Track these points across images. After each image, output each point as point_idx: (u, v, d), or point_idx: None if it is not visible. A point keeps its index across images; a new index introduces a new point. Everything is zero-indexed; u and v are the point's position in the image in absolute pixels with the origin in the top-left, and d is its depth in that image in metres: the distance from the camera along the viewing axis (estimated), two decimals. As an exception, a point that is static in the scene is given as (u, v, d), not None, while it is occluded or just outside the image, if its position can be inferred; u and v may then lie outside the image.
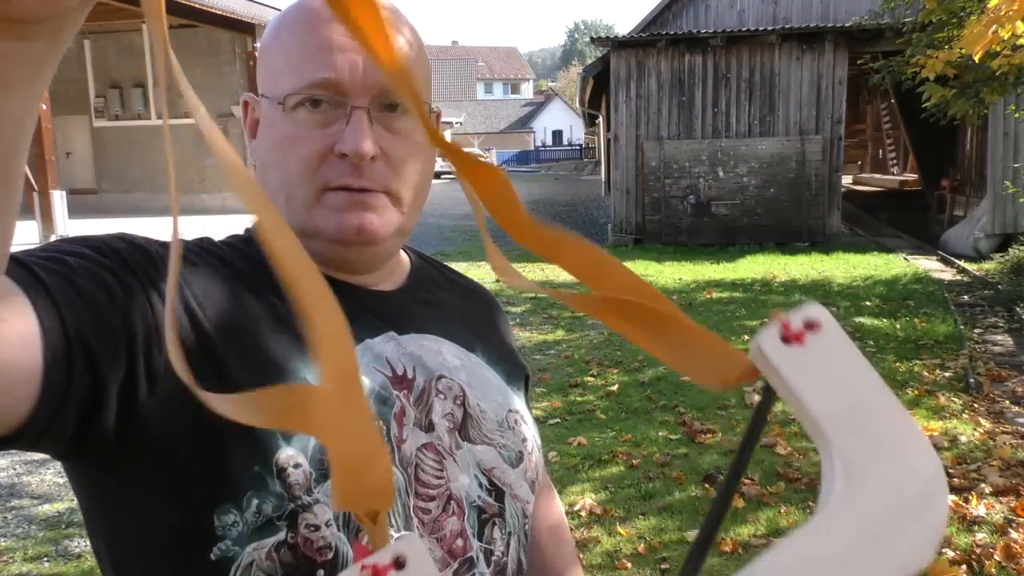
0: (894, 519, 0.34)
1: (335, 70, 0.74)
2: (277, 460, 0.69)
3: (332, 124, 0.75)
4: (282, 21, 0.80)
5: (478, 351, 0.89)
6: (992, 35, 3.97)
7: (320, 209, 0.77)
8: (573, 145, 54.41)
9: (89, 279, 0.63)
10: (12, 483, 4.19)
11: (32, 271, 0.60)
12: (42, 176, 13.25)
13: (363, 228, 0.77)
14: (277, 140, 0.77)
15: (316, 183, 0.76)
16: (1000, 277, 9.15)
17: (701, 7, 17.96)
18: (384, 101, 0.76)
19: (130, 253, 0.68)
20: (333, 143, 0.75)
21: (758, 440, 0.40)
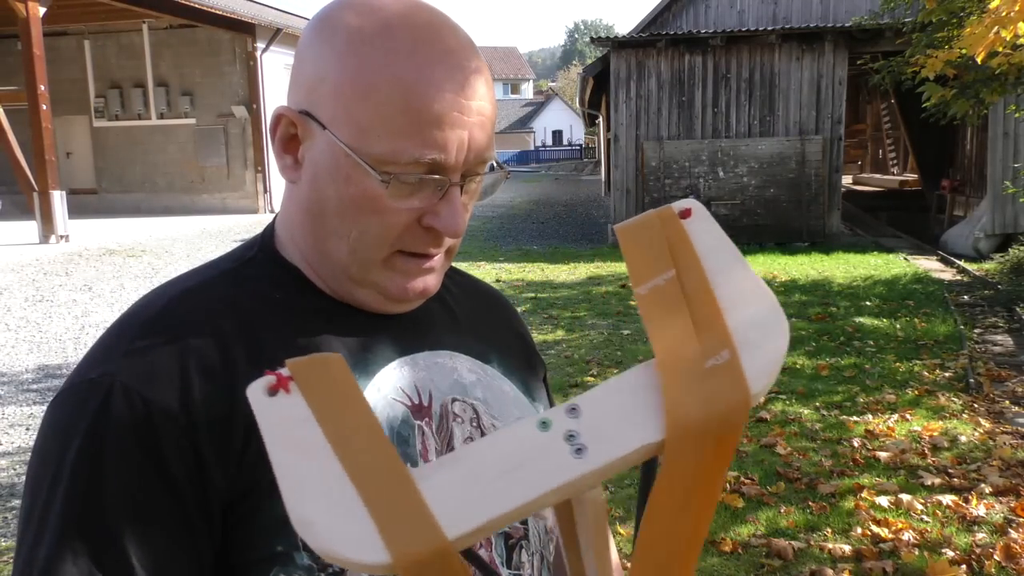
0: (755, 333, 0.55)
1: (446, 151, 0.69)
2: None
3: (421, 193, 0.71)
4: (375, 62, 0.69)
5: (494, 362, 0.86)
6: (994, 36, 3.96)
7: (388, 271, 0.75)
8: (573, 145, 54.42)
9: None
10: (12, 483, 4.19)
11: None
12: (42, 176, 13.23)
13: (426, 291, 0.77)
14: (354, 197, 0.71)
15: (391, 248, 0.74)
16: (1000, 277, 9.14)
17: (701, 7, 17.96)
18: (473, 174, 0.74)
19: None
20: (421, 213, 0.72)
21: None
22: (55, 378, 6.12)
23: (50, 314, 8.27)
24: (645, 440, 0.52)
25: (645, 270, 0.57)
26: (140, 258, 12.11)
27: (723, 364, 0.53)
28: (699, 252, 0.58)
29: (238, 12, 17.58)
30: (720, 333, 0.54)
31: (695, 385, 0.52)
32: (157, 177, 19.95)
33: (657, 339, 0.55)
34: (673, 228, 0.59)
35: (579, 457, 0.51)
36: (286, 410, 0.51)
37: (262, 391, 0.51)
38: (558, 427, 0.52)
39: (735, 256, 0.58)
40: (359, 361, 0.76)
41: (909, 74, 7.09)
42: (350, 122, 0.69)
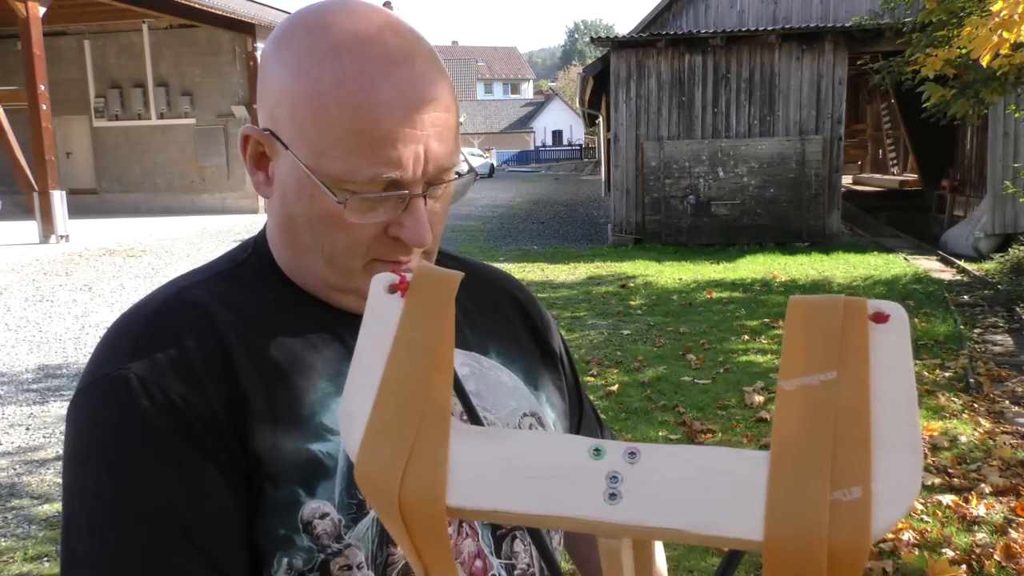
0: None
1: (402, 168, 0.69)
2: (301, 516, 0.69)
3: (384, 206, 0.72)
4: (324, 84, 0.69)
5: (491, 353, 0.86)
6: (999, 39, 3.97)
7: (366, 277, 0.73)
8: (573, 145, 54.42)
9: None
10: (12, 483, 4.19)
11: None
12: (42, 176, 13.23)
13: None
14: (319, 214, 0.72)
15: (364, 257, 0.75)
16: (1000, 277, 9.15)
17: (701, 7, 17.96)
18: (435, 183, 0.74)
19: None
20: (386, 224, 0.73)
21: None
22: (55, 378, 6.12)
23: (50, 314, 8.27)
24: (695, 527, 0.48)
25: (802, 362, 0.51)
26: (140, 258, 12.12)
27: (850, 501, 0.47)
28: (873, 367, 0.51)
29: (238, 12, 17.57)
30: (861, 466, 0.48)
31: (812, 503, 0.47)
32: (157, 177, 19.95)
33: (781, 440, 0.49)
34: (856, 326, 0.51)
35: (609, 503, 0.48)
36: (387, 310, 0.54)
37: (383, 285, 0.55)
38: (609, 462, 0.49)
39: (911, 389, 0.51)
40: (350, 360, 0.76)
41: (909, 74, 7.09)
42: (306, 143, 0.70)
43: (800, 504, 0.47)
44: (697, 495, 0.48)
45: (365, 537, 0.70)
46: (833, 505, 0.47)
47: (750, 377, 5.71)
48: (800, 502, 0.47)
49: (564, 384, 0.95)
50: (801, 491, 0.47)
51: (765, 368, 5.94)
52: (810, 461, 0.48)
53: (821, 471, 0.48)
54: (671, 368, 6.02)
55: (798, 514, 0.47)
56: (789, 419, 0.49)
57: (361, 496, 0.70)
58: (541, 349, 0.93)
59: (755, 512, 0.47)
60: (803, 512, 0.47)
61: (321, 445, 0.70)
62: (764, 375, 5.75)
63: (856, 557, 0.46)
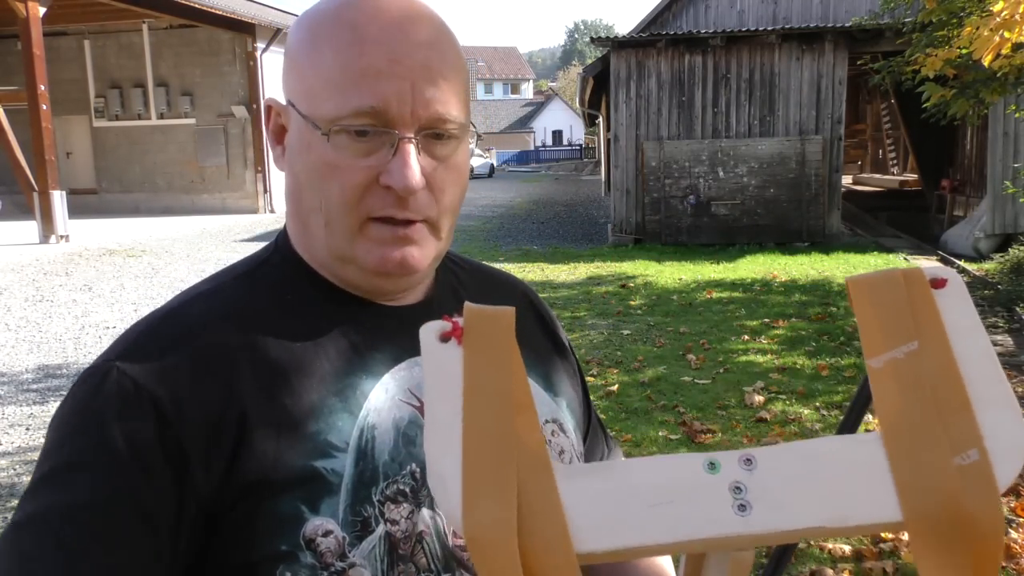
0: None
1: (383, 99, 0.70)
2: (304, 533, 0.68)
3: (376, 152, 0.72)
4: (318, 32, 0.73)
5: None
6: (1000, 39, 3.97)
7: (363, 241, 0.75)
8: (573, 145, 54.43)
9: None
10: (12, 483, 4.19)
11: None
12: (42, 176, 13.23)
13: (405, 263, 0.75)
14: (315, 164, 0.73)
15: (359, 214, 0.74)
16: (1000, 277, 9.14)
17: (701, 7, 17.96)
18: (430, 130, 0.73)
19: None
20: (378, 174, 0.72)
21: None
22: (55, 378, 6.12)
23: (50, 314, 8.27)
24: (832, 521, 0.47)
25: (882, 337, 0.51)
26: (140, 258, 12.12)
27: (971, 464, 0.48)
28: (949, 332, 0.52)
29: (238, 12, 17.57)
30: (970, 429, 0.49)
31: (940, 476, 0.47)
32: (157, 177, 19.95)
33: (888, 417, 0.49)
34: (921, 295, 0.52)
35: (741, 514, 0.47)
36: (446, 360, 0.51)
37: (435, 335, 0.52)
38: (726, 474, 0.48)
39: (988, 346, 0.52)
40: (367, 361, 0.76)
41: (909, 74, 7.09)
42: (305, 92, 0.73)
43: (929, 476, 0.47)
44: (824, 489, 0.48)
45: (371, 556, 0.69)
46: (959, 470, 0.47)
47: (750, 377, 5.71)
48: (928, 474, 0.47)
49: (579, 390, 0.94)
50: (925, 463, 0.48)
51: (765, 368, 5.94)
52: (923, 432, 0.49)
53: (937, 440, 0.48)
54: (671, 368, 6.02)
55: (931, 487, 0.47)
56: (888, 395, 0.50)
57: (367, 514, 0.70)
58: (558, 355, 0.93)
59: (886, 494, 0.48)
60: (935, 484, 0.47)
61: (325, 462, 0.69)
62: (764, 375, 5.75)
63: (994, 519, 0.47)
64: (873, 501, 0.48)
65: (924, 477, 0.48)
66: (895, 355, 0.51)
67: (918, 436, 0.49)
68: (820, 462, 0.49)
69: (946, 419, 0.49)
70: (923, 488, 0.47)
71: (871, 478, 0.48)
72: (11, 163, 14.04)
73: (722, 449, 2.23)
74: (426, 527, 0.72)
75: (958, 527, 0.46)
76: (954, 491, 0.47)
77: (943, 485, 0.47)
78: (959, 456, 0.48)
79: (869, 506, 0.48)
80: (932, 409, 0.49)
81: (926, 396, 0.50)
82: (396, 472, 0.72)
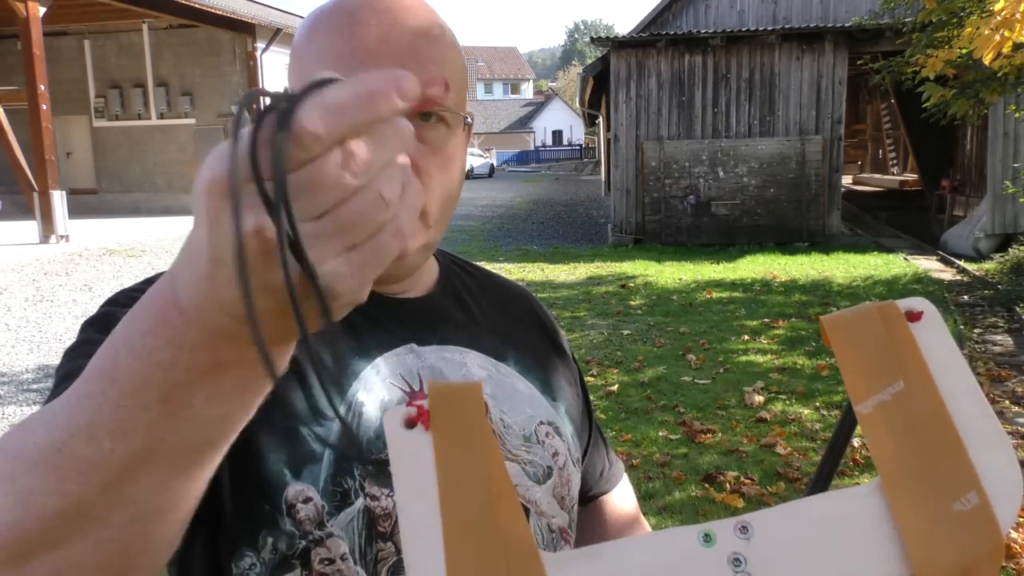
0: None
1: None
2: (286, 497, 0.68)
3: None
4: (317, 21, 0.76)
5: (509, 360, 0.85)
6: (1001, 38, 3.97)
7: None
8: (573, 145, 54.42)
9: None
10: (12, 483, 4.19)
11: None
12: (42, 176, 13.23)
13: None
14: None
15: None
16: (1000, 277, 9.15)
17: (701, 7, 17.96)
18: (417, 111, 0.72)
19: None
20: None
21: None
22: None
23: (50, 314, 8.27)
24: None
25: (866, 380, 0.50)
26: (140, 258, 12.12)
27: (971, 509, 0.46)
28: (932, 368, 0.50)
29: (238, 12, 17.57)
30: (966, 471, 0.47)
31: (944, 525, 0.46)
32: (157, 177, 19.95)
33: (885, 464, 0.47)
34: (898, 330, 0.51)
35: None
36: (415, 451, 0.46)
37: (400, 422, 0.47)
38: (723, 546, 0.46)
39: (972, 381, 0.50)
40: (360, 342, 0.77)
41: (909, 74, 7.08)
42: (300, 77, 0.75)
43: (934, 525, 0.46)
44: (826, 552, 0.46)
45: (349, 528, 0.70)
46: (960, 516, 0.46)
47: (750, 377, 5.71)
48: (933, 523, 0.46)
49: (580, 399, 0.95)
50: (929, 511, 0.46)
51: (765, 368, 5.94)
52: (922, 478, 0.47)
53: (936, 485, 0.47)
54: (671, 368, 6.02)
55: (937, 536, 0.45)
56: (881, 442, 0.48)
57: (347, 485, 0.70)
58: (559, 359, 0.93)
59: (891, 549, 0.46)
60: (941, 533, 0.46)
61: (311, 428, 0.70)
62: (764, 375, 5.75)
63: (996, 564, 0.45)
64: (879, 558, 0.46)
65: (930, 526, 0.46)
66: (882, 398, 0.49)
67: (918, 482, 0.47)
68: (819, 523, 0.47)
69: (939, 462, 0.48)
70: (930, 538, 0.46)
71: (875, 534, 0.46)
72: (11, 163, 14.03)
73: (721, 449, 2.25)
74: None
75: (965, 572, 0.45)
76: (958, 538, 0.46)
77: (948, 534, 0.46)
78: (959, 502, 0.46)
79: (875, 564, 0.46)
80: (925, 452, 0.48)
81: (918, 439, 0.48)
82: (380, 450, 0.72)
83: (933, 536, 0.46)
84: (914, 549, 0.45)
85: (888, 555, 0.46)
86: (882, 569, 0.46)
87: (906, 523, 0.46)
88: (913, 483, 0.47)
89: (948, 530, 0.46)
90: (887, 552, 0.46)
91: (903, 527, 0.46)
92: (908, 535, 0.46)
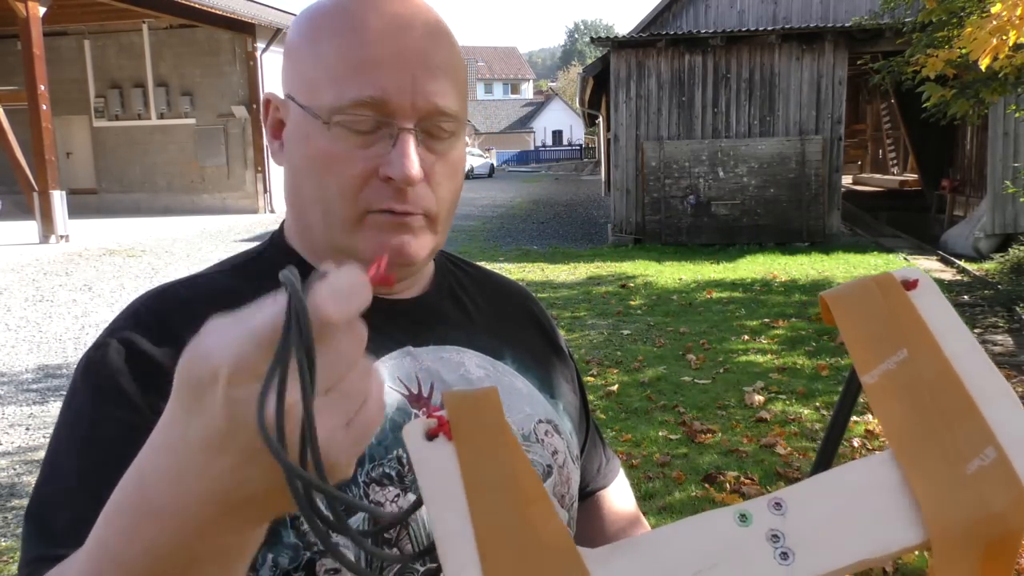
0: None
1: (382, 89, 0.70)
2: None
3: (375, 144, 0.72)
4: (318, 23, 0.73)
5: (507, 358, 0.85)
6: (999, 41, 3.96)
7: (362, 231, 0.74)
8: (573, 145, 54.43)
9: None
10: (12, 483, 4.19)
11: None
12: (42, 176, 13.23)
13: (402, 251, 0.75)
14: (313, 155, 0.73)
15: (358, 206, 0.73)
16: (1000, 277, 9.14)
17: (701, 7, 17.96)
18: (429, 122, 0.73)
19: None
20: (377, 165, 0.72)
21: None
22: (55, 378, 6.12)
23: (50, 314, 8.27)
24: (871, 551, 0.46)
25: (871, 351, 0.50)
26: (140, 258, 12.12)
27: (991, 463, 0.47)
28: (934, 333, 0.51)
29: (238, 12, 17.57)
30: (980, 428, 0.48)
31: (958, 486, 0.47)
32: (157, 177, 19.95)
33: (896, 434, 0.48)
34: (898, 300, 0.52)
35: (784, 563, 0.45)
36: (439, 462, 0.46)
37: (420, 434, 0.47)
38: (760, 523, 0.47)
39: (973, 341, 0.51)
40: None
41: (909, 74, 7.08)
42: (303, 83, 0.73)
43: (947, 486, 0.46)
44: (856, 522, 0.47)
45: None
46: (979, 473, 0.46)
47: (750, 377, 5.71)
48: (946, 485, 0.46)
49: (578, 397, 0.95)
50: (941, 474, 0.47)
51: (765, 368, 5.94)
52: (932, 442, 0.48)
53: (948, 447, 0.47)
54: (671, 368, 6.02)
55: (950, 497, 0.46)
56: (889, 410, 0.49)
57: (351, 493, 0.70)
58: (557, 359, 0.93)
59: (909, 513, 0.47)
60: (954, 493, 0.46)
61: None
62: (764, 375, 5.75)
63: (1021, 513, 0.46)
64: (900, 525, 0.47)
65: (943, 490, 0.47)
66: (888, 367, 0.50)
67: (929, 448, 0.48)
68: (846, 493, 0.48)
69: (952, 423, 0.48)
70: (944, 501, 0.46)
71: (894, 501, 0.47)
72: (11, 163, 14.03)
73: (721, 449, 2.26)
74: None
75: (981, 531, 0.46)
76: (976, 496, 0.46)
77: (964, 494, 0.46)
78: (978, 458, 0.47)
79: (897, 531, 0.47)
80: (937, 416, 0.48)
81: (928, 404, 0.49)
82: (382, 455, 0.72)
83: (947, 498, 0.46)
84: (927, 512, 0.46)
85: (909, 520, 0.47)
86: (904, 534, 0.47)
87: (919, 488, 0.47)
88: (924, 448, 0.48)
89: (964, 490, 0.46)
90: (908, 517, 0.47)
91: (916, 492, 0.47)
92: (921, 499, 0.46)
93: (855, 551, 0.46)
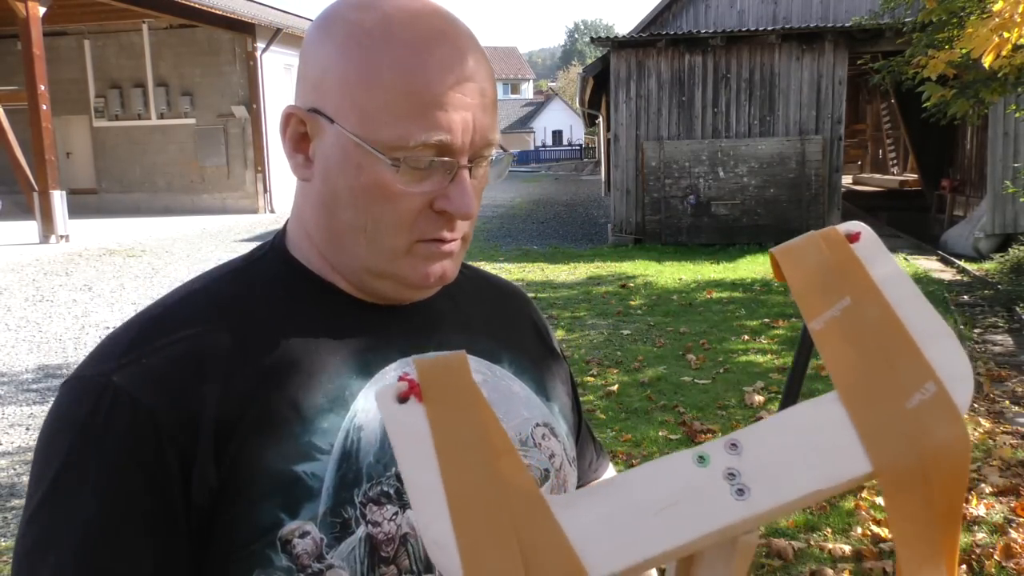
0: None
1: (451, 132, 0.70)
2: (280, 535, 0.67)
3: (432, 178, 0.72)
4: (367, 46, 0.70)
5: (504, 362, 0.85)
6: (1000, 40, 3.96)
7: (408, 259, 0.75)
8: (573, 145, 54.41)
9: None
10: (12, 483, 4.19)
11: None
12: (42, 176, 13.23)
13: (444, 276, 0.77)
14: (366, 185, 0.72)
15: (410, 236, 0.74)
16: (1000, 277, 9.14)
17: (701, 7, 17.96)
18: (478, 155, 0.74)
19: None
20: (433, 199, 0.73)
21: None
22: (55, 378, 6.12)
23: (50, 314, 8.27)
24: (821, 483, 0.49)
25: (817, 300, 0.54)
26: (140, 258, 12.12)
27: (931, 397, 0.50)
28: (877, 281, 0.54)
29: (238, 12, 17.57)
30: (921, 366, 0.51)
31: (900, 419, 0.49)
32: (157, 177, 19.95)
33: (840, 375, 0.51)
34: (842, 252, 0.55)
35: (741, 499, 0.48)
36: (411, 423, 0.49)
37: (392, 397, 0.50)
38: (717, 463, 0.49)
39: (914, 288, 0.54)
40: (360, 361, 0.76)
41: (909, 74, 7.08)
42: (356, 111, 0.71)
43: (890, 421, 0.49)
44: (806, 456, 0.50)
45: (351, 557, 0.68)
46: (920, 407, 0.49)
47: (750, 377, 5.71)
48: (889, 420, 0.49)
49: (571, 397, 0.95)
50: (884, 410, 0.50)
51: (765, 368, 5.94)
52: (876, 381, 0.51)
53: (891, 385, 0.50)
54: (671, 368, 6.02)
55: (893, 431, 0.49)
56: (835, 353, 0.52)
57: (348, 515, 0.69)
58: (552, 360, 0.93)
59: (855, 447, 0.50)
60: (897, 427, 0.49)
61: (307, 466, 0.69)
62: (764, 375, 5.75)
63: (963, 442, 0.49)
64: (848, 457, 0.50)
65: (885, 424, 0.49)
66: (832, 314, 0.53)
67: (872, 386, 0.51)
68: (796, 432, 0.51)
69: (895, 362, 0.51)
70: (886, 434, 0.49)
71: (841, 436, 0.50)
72: (11, 163, 14.04)
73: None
74: (411, 529, 0.71)
75: (927, 462, 0.48)
76: (918, 428, 0.49)
77: (905, 426, 0.49)
78: (918, 392, 0.50)
79: (845, 463, 0.50)
80: (879, 357, 0.51)
81: (871, 346, 0.52)
82: (381, 474, 0.71)
83: (889, 431, 0.49)
84: (870, 448, 0.49)
85: (853, 455, 0.50)
86: (852, 466, 0.49)
87: (862, 424, 0.50)
88: (867, 386, 0.51)
89: (905, 422, 0.49)
90: (855, 450, 0.50)
91: (860, 428, 0.50)
92: (864, 435, 0.50)
93: (806, 484, 0.49)
